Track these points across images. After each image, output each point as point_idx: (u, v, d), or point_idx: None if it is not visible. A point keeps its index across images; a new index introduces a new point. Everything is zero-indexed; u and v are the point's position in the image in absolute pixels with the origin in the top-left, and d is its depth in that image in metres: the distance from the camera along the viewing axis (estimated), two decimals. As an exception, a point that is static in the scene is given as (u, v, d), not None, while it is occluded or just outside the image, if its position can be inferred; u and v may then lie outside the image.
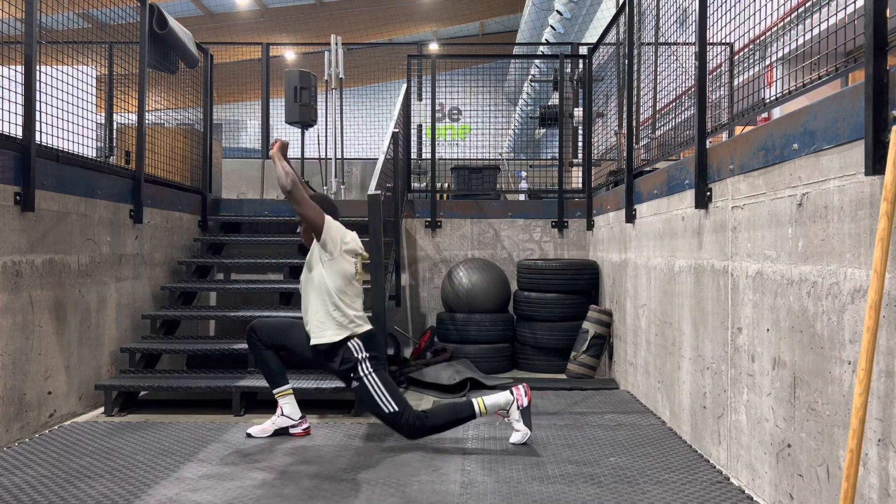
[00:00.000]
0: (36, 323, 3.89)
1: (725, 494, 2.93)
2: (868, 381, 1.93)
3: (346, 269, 3.77)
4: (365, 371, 3.69)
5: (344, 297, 3.75)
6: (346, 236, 3.85)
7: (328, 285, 3.72)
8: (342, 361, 3.72)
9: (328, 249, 3.73)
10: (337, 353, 3.73)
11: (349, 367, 3.71)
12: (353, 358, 3.71)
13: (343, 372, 3.75)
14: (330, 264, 3.74)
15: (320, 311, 3.74)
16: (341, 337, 3.71)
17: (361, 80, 11.87)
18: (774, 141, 2.76)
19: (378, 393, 3.65)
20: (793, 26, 3.98)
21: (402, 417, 3.62)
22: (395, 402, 3.64)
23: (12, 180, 3.68)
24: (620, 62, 6.07)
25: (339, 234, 3.79)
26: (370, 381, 3.68)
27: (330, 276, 3.73)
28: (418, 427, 3.63)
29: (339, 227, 3.82)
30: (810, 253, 2.48)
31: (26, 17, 3.78)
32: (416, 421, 3.63)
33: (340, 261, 3.76)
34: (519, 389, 3.71)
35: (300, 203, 3.69)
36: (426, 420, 3.65)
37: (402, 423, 3.63)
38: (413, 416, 3.64)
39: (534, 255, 6.69)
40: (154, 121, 6.14)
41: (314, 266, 3.78)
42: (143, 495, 2.91)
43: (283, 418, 3.87)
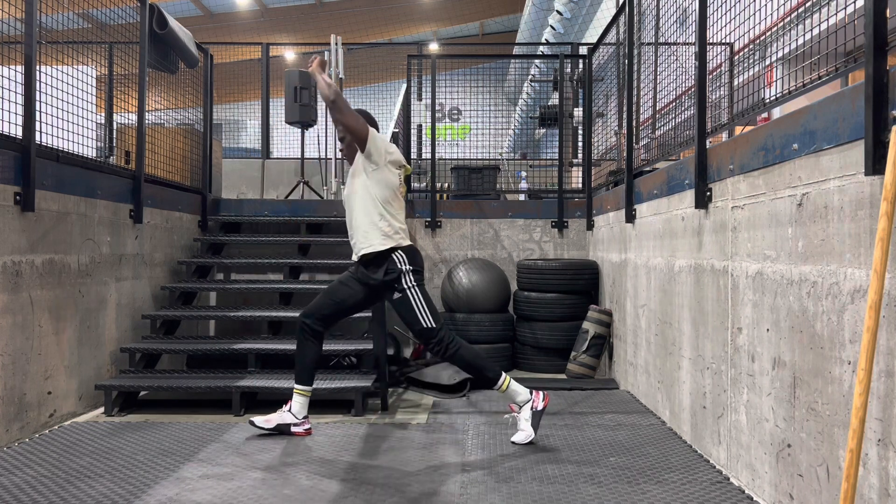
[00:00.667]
0: (36, 323, 3.89)
1: (725, 494, 2.93)
2: (868, 381, 1.93)
3: (390, 180, 3.78)
4: (408, 283, 3.72)
5: (389, 207, 3.77)
6: (391, 147, 3.86)
7: (374, 195, 3.73)
8: (387, 272, 3.74)
9: (373, 159, 3.74)
10: (382, 263, 3.75)
11: (393, 277, 3.73)
12: (397, 269, 3.73)
13: (387, 282, 3.75)
14: (375, 174, 3.74)
15: (366, 222, 3.75)
16: (387, 246, 3.73)
17: (361, 80, 11.88)
18: (774, 141, 2.76)
19: (419, 306, 3.70)
20: (793, 26, 3.98)
21: (438, 334, 3.70)
22: (434, 319, 3.71)
23: (12, 180, 3.68)
24: (620, 62, 6.08)
25: (384, 145, 3.80)
26: (413, 294, 3.72)
27: (375, 186, 3.74)
28: (449, 350, 3.69)
29: (383, 138, 3.83)
30: (810, 253, 2.48)
31: (26, 17, 3.78)
32: (450, 343, 3.70)
33: (385, 171, 3.77)
34: (539, 394, 3.74)
35: (343, 112, 3.69)
36: (457, 349, 3.70)
37: (436, 339, 3.69)
38: (448, 336, 3.71)
39: (534, 255, 6.69)
40: (154, 121, 6.14)
41: (359, 178, 3.78)
42: (143, 495, 2.92)
43: (288, 414, 3.86)
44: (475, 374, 3.75)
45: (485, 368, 3.72)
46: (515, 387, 3.71)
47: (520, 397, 3.72)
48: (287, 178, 8.02)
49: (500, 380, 3.68)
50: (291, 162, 8.30)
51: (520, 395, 3.71)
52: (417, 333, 3.76)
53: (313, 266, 5.96)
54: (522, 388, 3.73)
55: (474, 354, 3.76)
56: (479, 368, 3.72)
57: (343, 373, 4.80)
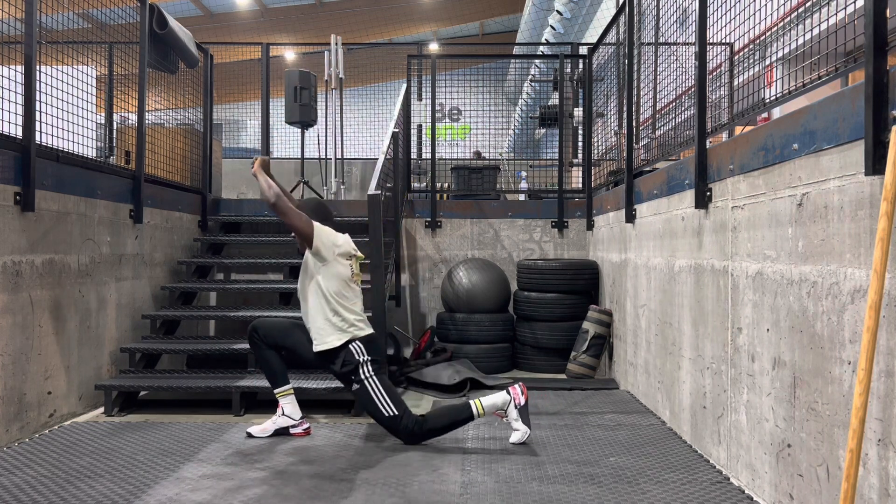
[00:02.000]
0: (36, 323, 3.89)
1: (725, 494, 2.93)
2: (868, 381, 1.93)
3: (341, 273, 3.78)
4: (366, 374, 3.71)
5: (343, 300, 3.76)
6: (338, 239, 3.85)
7: (325, 291, 3.73)
8: (343, 363, 3.73)
9: (321, 255, 3.74)
10: (338, 355, 3.74)
11: (350, 369, 3.72)
12: (354, 360, 3.72)
13: (344, 374, 3.76)
14: (325, 270, 3.75)
15: (319, 318, 3.75)
16: (342, 342, 3.73)
17: (361, 80, 11.88)
18: (774, 141, 2.76)
19: (378, 396, 3.67)
20: (793, 26, 3.98)
21: (402, 422, 3.64)
22: (395, 406, 3.66)
23: (12, 180, 3.68)
24: (620, 62, 6.07)
25: (331, 239, 3.80)
26: (371, 385, 3.69)
27: (326, 281, 3.74)
28: (416, 431, 3.65)
29: (329, 233, 3.82)
30: (810, 253, 2.48)
31: (26, 17, 3.78)
32: (415, 426, 3.65)
33: (335, 265, 3.76)
34: (515, 389, 3.71)
35: (285, 214, 3.71)
36: (424, 424, 3.67)
37: (401, 428, 3.65)
38: (412, 420, 3.66)
39: (534, 255, 6.69)
40: (154, 121, 6.14)
41: (309, 273, 3.79)
42: (143, 495, 2.91)
43: (283, 418, 3.87)
44: (454, 428, 3.73)
45: (457, 419, 3.70)
46: (490, 402, 3.70)
47: (499, 403, 3.70)
48: (287, 178, 8.01)
49: (475, 411, 3.66)
50: (291, 162, 8.30)
51: (498, 402, 3.70)
52: (381, 423, 3.71)
53: (313, 266, 5.95)
54: (497, 395, 3.72)
55: (442, 418, 3.72)
56: (452, 423, 3.71)
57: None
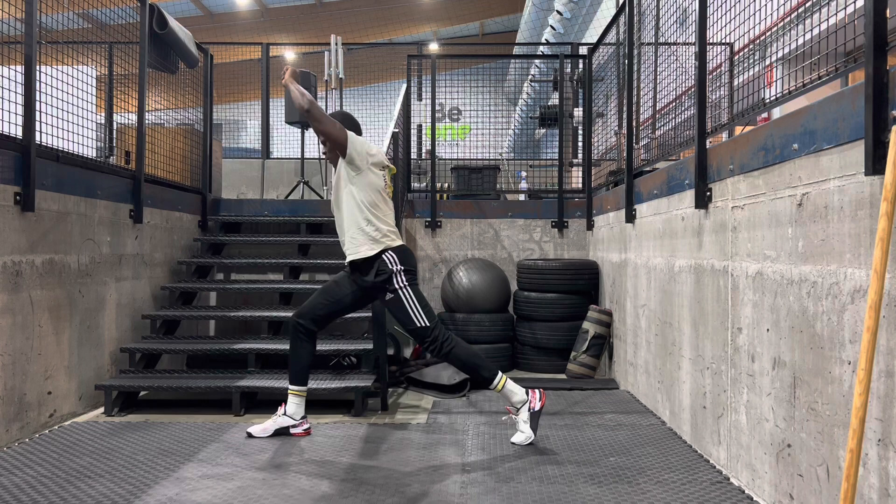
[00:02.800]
0: (36, 323, 3.89)
1: (725, 494, 2.93)
2: (868, 381, 1.93)
3: (375, 182, 3.77)
4: (400, 283, 3.72)
5: (376, 210, 3.76)
6: (372, 149, 3.84)
7: (359, 200, 3.73)
8: (377, 273, 3.73)
9: (355, 164, 3.72)
10: (372, 265, 3.74)
11: (384, 278, 3.73)
12: (388, 269, 3.72)
13: (378, 284, 3.75)
14: (358, 179, 3.74)
15: (353, 227, 3.74)
16: (375, 251, 3.73)
17: (361, 80, 11.88)
18: (774, 141, 2.76)
19: (412, 305, 3.71)
20: (793, 26, 3.98)
21: (432, 333, 3.70)
22: (427, 317, 3.71)
23: (12, 180, 3.68)
24: (620, 62, 6.08)
25: (364, 148, 3.78)
26: (405, 294, 3.72)
27: (360, 190, 3.73)
28: (444, 348, 3.69)
29: (362, 141, 3.81)
30: (810, 253, 2.48)
31: (26, 17, 3.78)
32: (445, 341, 3.70)
33: (368, 174, 3.75)
34: (535, 393, 3.73)
35: (319, 120, 3.67)
36: (453, 347, 3.70)
37: (430, 338, 3.70)
38: (443, 334, 3.71)
39: (534, 255, 6.69)
40: (154, 121, 6.14)
41: (343, 183, 3.78)
42: (143, 495, 2.92)
43: (284, 418, 3.87)
44: (471, 373, 3.75)
45: (480, 367, 3.72)
46: (511, 387, 3.70)
47: (516, 398, 3.71)
48: (287, 178, 8.02)
49: (496, 379, 3.67)
50: (291, 162, 8.31)
51: (516, 396, 3.71)
52: (411, 332, 3.76)
53: (313, 266, 5.96)
54: (519, 389, 3.72)
55: (470, 353, 3.75)
56: (474, 367, 3.72)
57: (343, 373, 4.80)
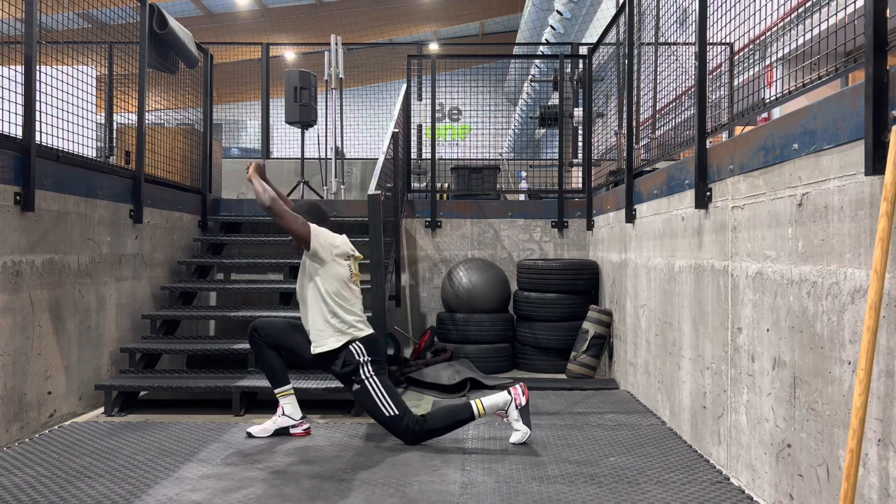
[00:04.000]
0: (36, 323, 3.89)
1: (725, 494, 2.93)
2: (868, 381, 1.93)
3: (340, 273, 3.78)
4: (367, 374, 3.71)
5: (342, 300, 3.76)
6: (336, 240, 3.85)
7: (323, 292, 3.73)
8: (344, 364, 3.73)
9: (319, 256, 3.74)
10: (339, 356, 3.74)
11: (350, 369, 3.72)
12: (354, 360, 3.72)
13: (345, 374, 3.76)
14: (323, 271, 3.75)
15: (318, 320, 3.75)
16: (341, 343, 3.73)
17: (361, 80, 11.87)
18: (774, 141, 2.76)
19: (379, 396, 3.67)
20: (793, 26, 3.98)
21: (402, 421, 3.65)
22: (396, 406, 3.67)
23: (12, 180, 3.68)
24: (620, 62, 6.07)
25: (328, 240, 3.79)
26: (371, 385, 3.70)
27: (325, 282, 3.74)
28: (417, 431, 3.66)
29: (325, 233, 3.81)
30: (810, 253, 2.48)
31: (26, 17, 3.78)
32: (416, 425, 3.65)
33: (333, 265, 3.76)
34: (517, 389, 3.71)
35: (281, 216, 3.70)
36: (425, 424, 3.67)
37: (402, 428, 3.65)
38: (412, 420, 3.66)
39: (534, 255, 6.69)
40: (154, 121, 6.14)
41: (308, 275, 3.79)
42: (143, 495, 2.91)
43: (283, 418, 3.87)
44: (453, 429, 3.73)
45: (458, 419, 3.70)
46: (491, 402, 3.69)
47: (500, 403, 3.70)
48: (287, 178, 8.02)
49: (475, 410, 3.66)
50: (291, 162, 8.30)
51: (499, 402, 3.70)
52: (382, 423, 3.72)
53: (313, 266, 5.95)
54: (498, 396, 3.71)
55: (442, 417, 3.72)
56: (453, 423, 3.71)
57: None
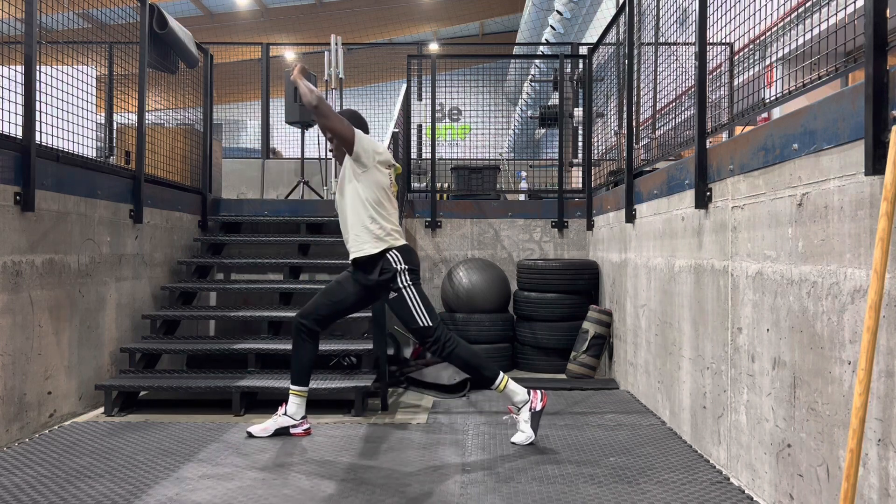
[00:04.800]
0: (36, 323, 3.89)
1: (725, 494, 2.93)
2: (868, 381, 1.93)
3: (380, 181, 3.77)
4: (404, 282, 3.72)
5: (381, 208, 3.75)
6: (379, 147, 3.84)
7: (364, 198, 3.72)
8: (381, 271, 3.73)
9: (362, 161, 3.72)
10: (376, 263, 3.74)
11: (388, 276, 3.72)
12: (392, 268, 3.72)
13: (382, 282, 3.74)
14: (364, 177, 3.73)
15: (357, 225, 3.74)
16: (379, 249, 3.72)
17: (361, 80, 11.88)
18: (774, 141, 2.76)
19: (415, 305, 3.70)
20: (793, 26, 3.98)
21: (434, 333, 3.69)
22: (430, 317, 3.70)
23: (12, 180, 3.68)
24: (620, 62, 6.07)
25: (371, 146, 3.78)
26: (408, 293, 3.71)
27: (365, 188, 3.73)
28: (446, 349, 3.69)
29: (369, 139, 3.80)
30: (810, 253, 2.48)
31: (26, 17, 3.78)
32: (447, 341, 3.69)
33: (375, 172, 3.75)
34: (537, 394, 3.73)
35: (327, 117, 3.66)
36: (454, 348, 3.70)
37: (433, 338, 3.69)
38: (445, 335, 3.70)
39: (534, 255, 6.69)
40: (154, 121, 6.14)
41: (348, 181, 3.77)
42: (143, 495, 2.92)
43: (284, 418, 3.87)
44: (472, 374, 3.75)
45: (482, 368, 3.72)
46: (513, 387, 3.71)
47: (517, 398, 3.71)
48: (287, 178, 8.02)
49: (498, 379, 3.68)
50: (291, 162, 8.30)
51: (517, 396, 3.71)
52: (414, 332, 3.76)
53: (313, 266, 5.96)
54: (520, 389, 3.72)
55: (472, 353, 3.75)
56: (476, 367, 3.72)
57: (343, 373, 4.80)
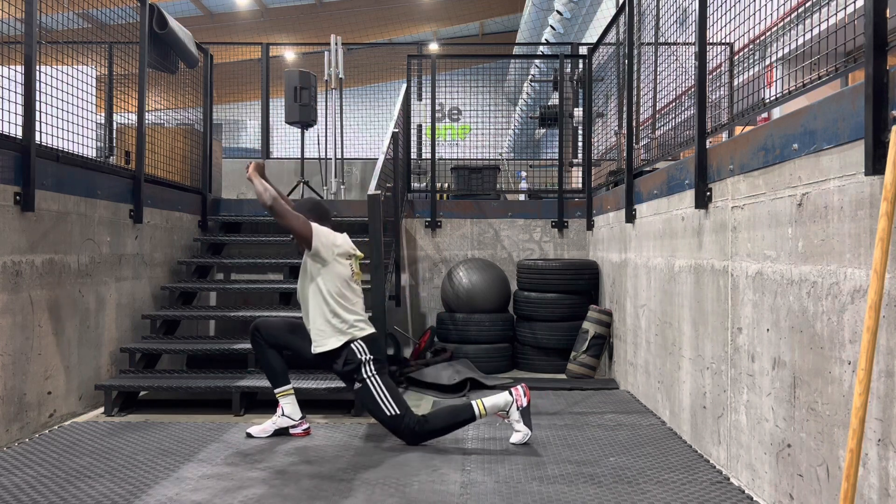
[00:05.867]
0: (36, 323, 3.89)
1: (725, 494, 2.93)
2: (868, 381, 1.93)
3: (341, 273, 3.78)
4: (368, 373, 3.70)
5: (343, 300, 3.76)
6: (337, 239, 3.85)
7: (325, 292, 3.73)
8: (346, 362, 3.73)
9: (321, 256, 3.74)
10: (340, 354, 3.74)
11: (352, 367, 3.72)
12: (356, 359, 3.72)
13: (346, 373, 3.75)
14: (324, 271, 3.74)
15: (319, 319, 3.75)
16: (342, 343, 3.73)
17: (361, 80, 11.87)
18: (774, 141, 2.76)
19: (380, 395, 3.67)
20: (793, 26, 3.98)
21: (403, 421, 3.64)
22: (397, 406, 3.66)
23: (12, 180, 3.68)
24: (620, 62, 6.07)
25: (330, 239, 3.79)
26: (373, 384, 3.69)
27: (326, 282, 3.74)
28: (418, 431, 3.65)
29: (327, 233, 3.81)
30: (810, 253, 2.48)
31: (26, 17, 3.78)
32: (416, 425, 3.65)
33: (335, 265, 3.76)
34: (518, 390, 3.71)
35: (282, 216, 3.70)
36: (426, 424, 3.67)
37: (403, 427, 3.65)
38: (413, 420, 3.66)
39: (534, 255, 6.69)
40: (154, 121, 6.14)
41: (309, 274, 3.79)
42: (143, 495, 2.91)
43: (283, 418, 3.87)
44: (457, 427, 3.73)
45: (459, 419, 3.69)
46: (492, 402, 3.69)
47: (501, 404, 3.70)
48: (287, 178, 8.02)
49: (477, 411, 3.66)
50: (291, 162, 8.30)
51: (500, 403, 3.69)
52: (383, 423, 3.71)
53: (313, 266, 5.95)
54: (499, 396, 3.71)
55: (443, 418, 3.72)
56: (454, 424, 3.70)
57: (343, 373, 4.79)
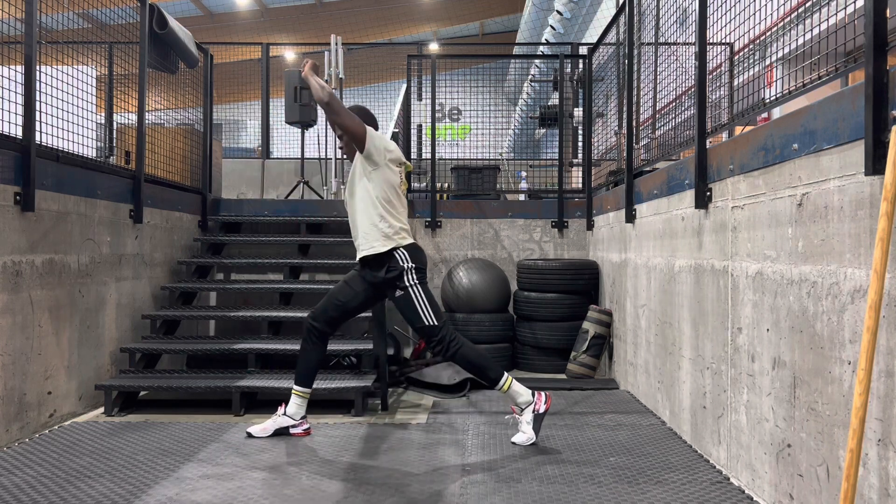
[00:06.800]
0: (36, 323, 3.89)
1: (725, 494, 2.93)
2: (868, 381, 1.93)
3: (391, 179, 3.76)
4: (411, 281, 3.72)
5: (390, 207, 3.74)
6: (390, 144, 3.82)
7: (374, 196, 3.71)
8: (388, 269, 3.72)
9: (373, 159, 3.71)
10: (384, 262, 3.73)
11: (395, 274, 3.72)
12: (399, 266, 3.71)
13: (388, 280, 3.74)
14: (375, 174, 3.72)
15: (366, 224, 3.73)
16: (388, 248, 3.71)
17: (361, 80, 11.88)
18: (774, 141, 2.76)
19: (421, 303, 3.70)
20: (793, 26, 3.98)
21: (439, 332, 3.69)
22: (435, 316, 3.70)
23: (12, 180, 3.68)
24: (620, 62, 6.08)
25: (383, 143, 3.77)
26: (415, 292, 3.71)
27: (376, 186, 3.71)
28: (451, 349, 3.69)
29: (381, 136, 3.79)
30: (810, 253, 2.48)
31: (26, 17, 3.78)
32: (452, 341, 3.69)
33: (385, 170, 3.74)
34: (541, 395, 3.72)
35: (338, 113, 3.65)
36: (459, 347, 3.70)
37: (438, 338, 3.69)
38: (450, 335, 3.70)
39: (534, 255, 6.69)
40: (154, 121, 6.14)
41: (359, 178, 3.76)
42: (143, 495, 2.92)
43: (283, 418, 3.87)
44: (477, 374, 3.75)
45: (487, 368, 3.71)
46: (517, 388, 3.70)
47: (521, 398, 3.71)
48: (287, 178, 8.02)
49: (502, 380, 3.67)
50: (291, 162, 8.31)
51: (521, 397, 3.70)
52: (419, 331, 3.75)
53: (313, 266, 5.96)
54: (524, 390, 3.72)
55: (477, 353, 3.75)
56: (481, 368, 3.72)
57: (343, 373, 4.80)
